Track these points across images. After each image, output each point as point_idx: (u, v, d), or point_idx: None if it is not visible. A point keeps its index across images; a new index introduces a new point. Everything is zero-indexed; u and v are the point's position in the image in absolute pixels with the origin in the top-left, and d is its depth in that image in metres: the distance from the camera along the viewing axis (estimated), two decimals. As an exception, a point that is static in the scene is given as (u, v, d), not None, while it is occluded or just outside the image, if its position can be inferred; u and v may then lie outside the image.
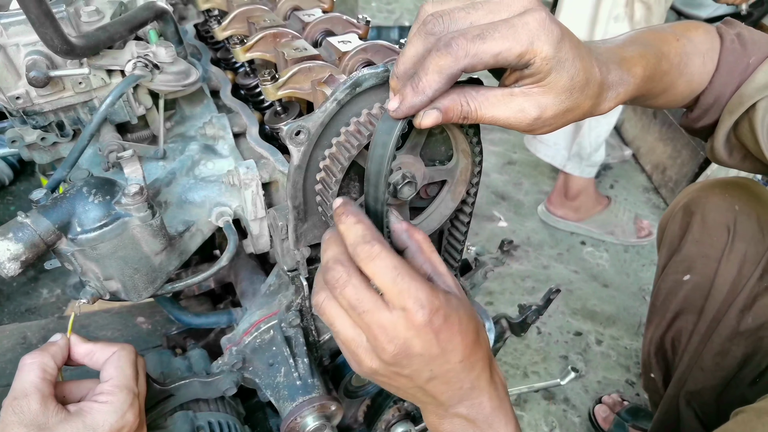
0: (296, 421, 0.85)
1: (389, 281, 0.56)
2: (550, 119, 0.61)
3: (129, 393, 0.72)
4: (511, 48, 0.54)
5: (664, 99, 0.88)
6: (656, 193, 3.07)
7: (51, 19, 0.67)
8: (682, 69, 0.85)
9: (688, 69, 0.86)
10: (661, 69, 0.80)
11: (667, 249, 1.27)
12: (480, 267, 1.23)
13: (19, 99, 0.76)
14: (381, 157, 0.63)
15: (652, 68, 0.77)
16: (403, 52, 0.59)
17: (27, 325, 1.39)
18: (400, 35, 3.88)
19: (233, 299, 1.40)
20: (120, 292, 0.80)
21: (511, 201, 2.86)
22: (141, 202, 0.71)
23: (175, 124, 0.99)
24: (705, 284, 1.16)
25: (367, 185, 0.67)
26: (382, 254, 0.57)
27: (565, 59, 0.57)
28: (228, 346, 0.92)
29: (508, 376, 1.99)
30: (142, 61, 0.79)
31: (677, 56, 0.83)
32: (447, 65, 0.54)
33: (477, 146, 0.76)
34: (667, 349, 1.31)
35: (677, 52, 0.83)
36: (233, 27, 1.02)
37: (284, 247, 0.83)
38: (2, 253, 0.65)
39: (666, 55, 0.81)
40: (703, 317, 1.17)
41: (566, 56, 0.57)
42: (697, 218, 1.18)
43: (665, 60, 0.81)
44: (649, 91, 0.80)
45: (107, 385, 0.72)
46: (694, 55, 0.86)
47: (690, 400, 1.20)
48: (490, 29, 0.54)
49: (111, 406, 0.70)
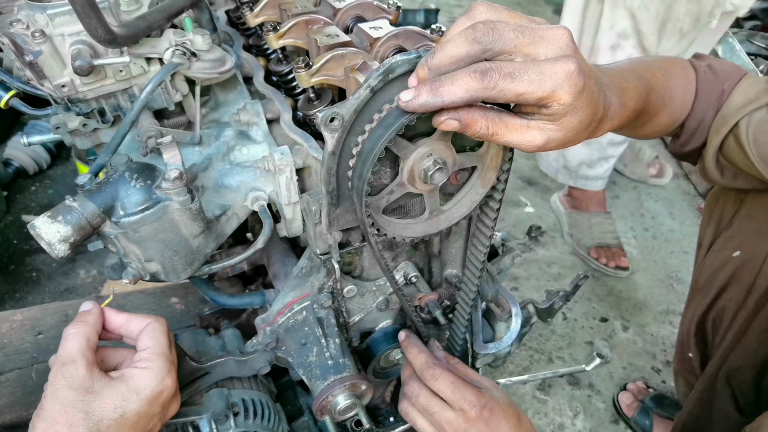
0: (328, 400, 0.87)
1: (449, 392, 0.89)
2: (551, 147, 0.67)
3: (166, 360, 0.77)
4: (534, 92, 0.58)
5: (650, 128, 1.00)
6: (686, 179, 3.01)
7: (95, 10, 0.69)
8: (666, 101, 0.96)
9: (671, 101, 0.97)
10: (649, 101, 0.90)
11: (715, 226, 1.25)
12: (508, 252, 1.24)
13: (64, 87, 0.79)
14: (379, 137, 0.66)
15: (643, 101, 0.87)
16: (444, 47, 0.61)
17: (68, 303, 1.45)
18: (426, 18, 3.84)
19: (263, 281, 1.44)
20: (160, 274, 0.83)
21: (537, 186, 2.84)
22: (181, 186, 0.74)
23: (210, 110, 1.01)
24: (757, 260, 1.14)
25: (358, 159, 0.69)
26: (441, 375, 0.90)
27: (580, 106, 0.62)
28: (262, 326, 0.95)
29: (533, 360, 2.00)
30: (180, 49, 0.81)
31: (662, 90, 0.94)
32: (474, 89, 0.58)
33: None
34: (707, 328, 1.30)
35: (662, 86, 0.94)
36: (265, 13, 1.03)
37: (317, 231, 0.85)
38: (53, 235, 0.68)
39: (654, 88, 0.91)
40: (753, 293, 1.15)
41: (582, 104, 0.62)
42: (752, 194, 1.16)
43: (653, 93, 0.91)
44: (636, 121, 0.91)
45: (146, 353, 0.77)
46: (676, 89, 0.98)
47: (730, 378, 1.19)
48: (521, 70, 0.57)
49: (151, 371, 0.75)
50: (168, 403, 0.79)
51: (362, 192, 0.70)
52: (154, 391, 0.74)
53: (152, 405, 0.75)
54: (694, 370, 1.36)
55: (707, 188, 2.82)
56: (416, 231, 0.85)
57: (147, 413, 0.74)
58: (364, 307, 1.01)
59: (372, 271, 0.99)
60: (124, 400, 0.72)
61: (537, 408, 1.87)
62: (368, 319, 1.04)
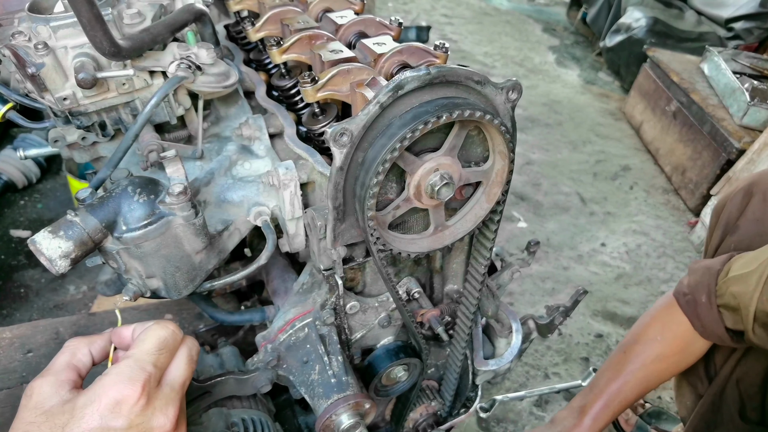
0: (331, 419, 0.86)
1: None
2: None
3: (134, 365, 0.63)
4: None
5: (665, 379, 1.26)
6: (676, 194, 3.05)
7: (101, 23, 0.68)
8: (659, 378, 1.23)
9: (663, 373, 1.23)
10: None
11: (723, 230, 1.27)
12: (506, 268, 1.24)
13: (66, 100, 0.78)
14: (382, 147, 0.67)
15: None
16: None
17: (59, 320, 1.41)
18: (417, 36, 3.89)
19: (260, 297, 1.42)
20: (161, 290, 0.82)
21: (530, 201, 2.86)
22: (185, 201, 0.73)
23: (211, 124, 1.01)
24: None
25: (361, 168, 0.70)
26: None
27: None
28: (263, 343, 0.93)
29: (529, 376, 1.99)
30: (184, 63, 0.80)
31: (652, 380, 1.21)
32: None
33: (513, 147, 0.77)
34: None
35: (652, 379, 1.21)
36: (266, 28, 1.03)
37: (321, 247, 0.84)
38: (54, 251, 0.66)
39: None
40: None
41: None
42: (757, 198, 1.18)
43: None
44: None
45: (122, 358, 0.66)
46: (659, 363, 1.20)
47: (739, 381, 1.20)
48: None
49: (108, 378, 0.62)
50: (140, 418, 0.61)
51: (365, 200, 0.70)
52: (109, 401, 0.60)
53: (107, 419, 0.59)
54: (700, 374, 1.35)
55: (697, 203, 2.85)
56: (421, 246, 0.84)
57: (103, 428, 0.59)
58: (366, 323, 1.00)
59: (374, 287, 0.98)
60: (71, 416, 0.59)
61: (534, 424, 1.85)
62: (370, 336, 1.02)
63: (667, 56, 3.48)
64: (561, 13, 5.82)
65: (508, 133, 0.75)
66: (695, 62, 3.40)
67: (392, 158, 0.67)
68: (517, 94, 0.76)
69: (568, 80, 4.37)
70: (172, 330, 0.69)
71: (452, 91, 0.71)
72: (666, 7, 4.09)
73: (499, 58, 4.59)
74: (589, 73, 4.54)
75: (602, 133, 3.63)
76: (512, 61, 4.56)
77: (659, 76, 3.41)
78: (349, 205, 0.76)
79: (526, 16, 5.64)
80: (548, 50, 4.90)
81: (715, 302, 1.08)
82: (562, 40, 5.17)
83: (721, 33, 3.84)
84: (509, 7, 5.85)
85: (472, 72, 0.71)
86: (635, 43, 3.92)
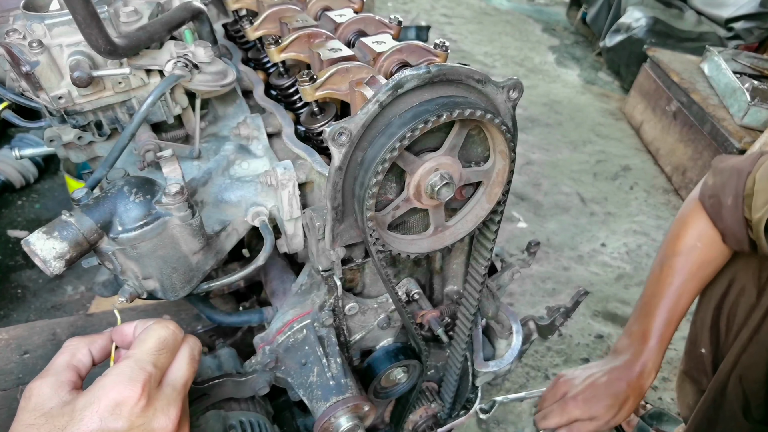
0: (330, 422, 0.85)
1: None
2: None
3: (134, 365, 0.62)
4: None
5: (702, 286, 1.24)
6: (676, 194, 3.04)
7: (96, 21, 0.67)
8: (694, 290, 1.22)
9: (695, 282, 1.22)
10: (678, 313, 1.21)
11: None
12: (507, 268, 1.23)
13: (61, 99, 0.77)
14: (381, 146, 0.66)
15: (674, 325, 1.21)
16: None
17: (56, 321, 1.40)
18: (417, 35, 3.88)
19: (258, 298, 1.41)
20: (157, 291, 0.81)
21: (530, 202, 2.85)
22: (182, 201, 0.72)
23: (208, 124, 1.00)
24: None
25: (360, 168, 0.69)
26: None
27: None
28: (261, 345, 0.93)
29: (529, 378, 1.98)
30: (182, 61, 0.79)
31: (688, 294, 1.22)
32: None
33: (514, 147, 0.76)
34: (721, 325, 1.29)
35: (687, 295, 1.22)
36: (265, 27, 1.02)
37: (320, 247, 0.83)
38: (48, 252, 0.65)
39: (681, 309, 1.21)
40: (767, 290, 1.15)
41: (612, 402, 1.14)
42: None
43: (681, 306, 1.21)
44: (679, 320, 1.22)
45: (122, 359, 0.64)
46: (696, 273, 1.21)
47: (742, 378, 1.19)
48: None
49: (107, 379, 0.61)
50: (141, 419, 0.60)
51: (364, 200, 0.69)
52: (108, 402, 0.59)
53: (107, 421, 0.58)
54: (705, 368, 1.34)
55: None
56: (421, 247, 0.83)
57: (103, 430, 0.58)
58: (366, 325, 0.99)
59: (373, 288, 0.97)
60: (71, 418, 0.58)
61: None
62: (369, 338, 1.01)
63: (668, 56, 3.48)
64: (561, 13, 5.82)
65: (509, 133, 0.74)
66: (695, 62, 3.40)
67: (392, 158, 0.66)
68: (518, 93, 0.75)
69: (568, 80, 4.36)
70: (172, 329, 0.68)
71: (453, 90, 0.71)
72: (666, 7, 4.09)
73: (499, 57, 4.58)
74: (589, 73, 4.54)
75: (602, 133, 3.62)
76: (512, 61, 4.55)
77: (659, 76, 3.41)
78: (348, 205, 0.75)
79: (526, 16, 5.64)
80: (548, 50, 4.89)
81: (741, 205, 1.05)
82: (562, 40, 5.16)
83: (722, 33, 3.84)
84: (509, 7, 5.84)
85: (472, 70, 0.70)
86: (635, 43, 3.91)
